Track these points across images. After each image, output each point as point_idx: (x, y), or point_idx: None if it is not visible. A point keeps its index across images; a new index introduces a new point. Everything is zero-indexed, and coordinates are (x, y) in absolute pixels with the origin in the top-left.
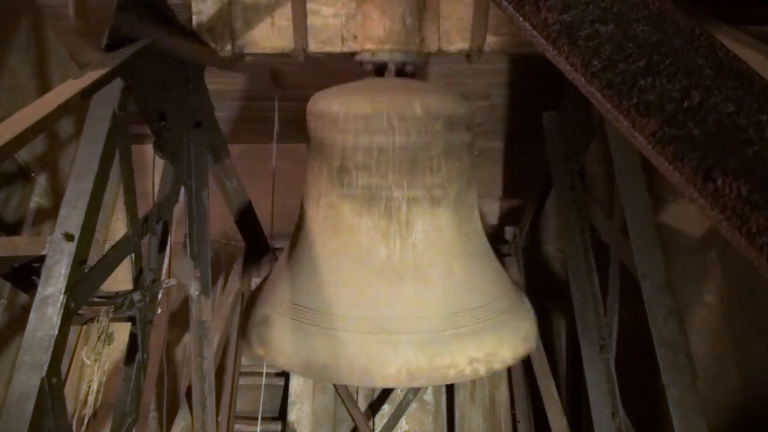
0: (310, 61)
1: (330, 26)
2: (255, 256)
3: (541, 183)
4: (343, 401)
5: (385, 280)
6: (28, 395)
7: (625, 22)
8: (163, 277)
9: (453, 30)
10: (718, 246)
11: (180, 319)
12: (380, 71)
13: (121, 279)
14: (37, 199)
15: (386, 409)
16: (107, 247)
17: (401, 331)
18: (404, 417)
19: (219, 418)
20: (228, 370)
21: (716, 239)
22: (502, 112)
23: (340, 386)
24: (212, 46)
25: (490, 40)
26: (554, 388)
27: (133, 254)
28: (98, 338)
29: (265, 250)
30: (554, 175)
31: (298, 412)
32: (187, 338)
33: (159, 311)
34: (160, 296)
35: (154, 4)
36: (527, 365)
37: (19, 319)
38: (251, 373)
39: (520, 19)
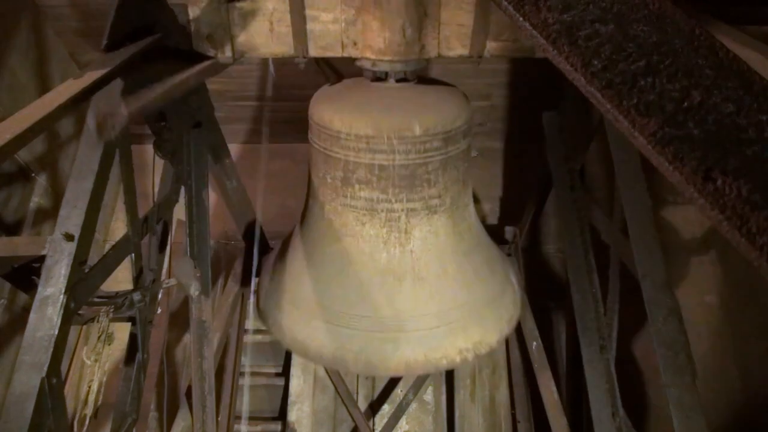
0: (310, 61)
1: (330, 32)
2: (255, 256)
3: (541, 183)
4: (343, 401)
5: (386, 283)
6: (28, 395)
7: (625, 22)
8: (163, 277)
9: (453, 36)
10: (718, 246)
11: (180, 319)
12: (380, 78)
13: (121, 279)
14: (37, 199)
15: (386, 409)
16: (107, 247)
17: (400, 329)
18: (404, 417)
19: (219, 418)
20: (228, 370)
21: (716, 239)
22: (502, 112)
23: (340, 386)
24: (211, 53)
25: (491, 46)
26: (554, 388)
27: (133, 254)
28: (98, 338)
29: (265, 250)
30: (554, 175)
31: (298, 412)
32: (187, 338)
33: (159, 311)
34: (160, 296)
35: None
36: (527, 365)
37: (19, 319)
38: (251, 373)
39: (520, 19)
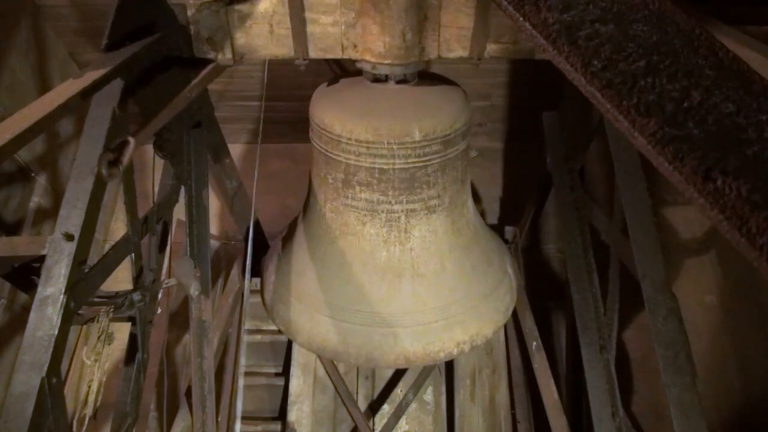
0: (310, 61)
1: (329, 34)
2: (255, 256)
3: (541, 183)
4: (343, 401)
5: (386, 280)
6: (28, 395)
7: (625, 22)
8: (163, 277)
9: (453, 39)
10: (718, 246)
11: (180, 319)
12: (380, 79)
13: (121, 279)
14: (37, 199)
15: (386, 409)
16: (107, 247)
17: (400, 324)
18: (404, 417)
19: (219, 418)
20: (228, 370)
21: (716, 239)
22: (502, 112)
23: (339, 386)
24: (211, 55)
25: (491, 48)
26: (554, 388)
27: (133, 254)
28: (98, 338)
29: (265, 250)
30: (554, 175)
31: (298, 412)
32: (187, 338)
33: (159, 311)
34: (160, 296)
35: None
36: (527, 365)
37: (19, 319)
38: (251, 373)
39: (520, 19)
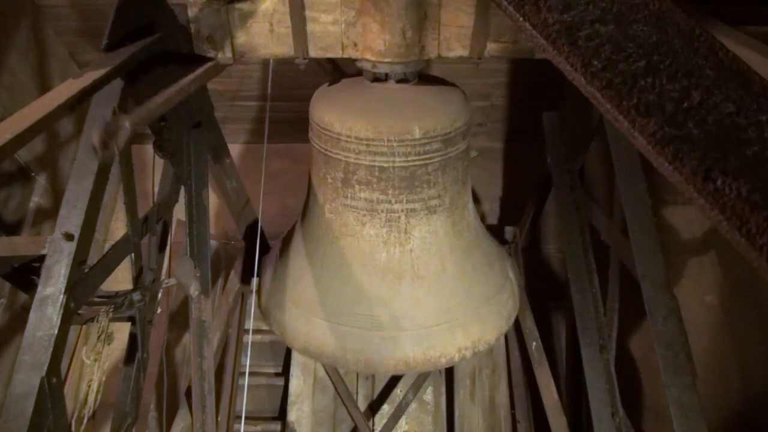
0: (310, 61)
1: (330, 33)
2: (255, 256)
3: (541, 183)
4: (342, 401)
5: (386, 282)
6: (28, 395)
7: (625, 22)
8: (163, 277)
9: (453, 38)
10: (718, 246)
11: (180, 319)
12: (380, 78)
13: (121, 279)
14: (37, 199)
15: (386, 409)
16: (107, 247)
17: (399, 327)
18: (404, 417)
19: (219, 418)
20: (228, 370)
21: (716, 239)
22: (502, 112)
23: (339, 386)
24: (211, 54)
25: (491, 47)
26: (554, 388)
27: (133, 254)
28: (98, 338)
29: (265, 250)
30: (554, 175)
31: (298, 412)
32: (187, 338)
33: (159, 311)
34: (160, 296)
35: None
36: (527, 365)
37: (19, 319)
38: (251, 373)
39: (520, 19)
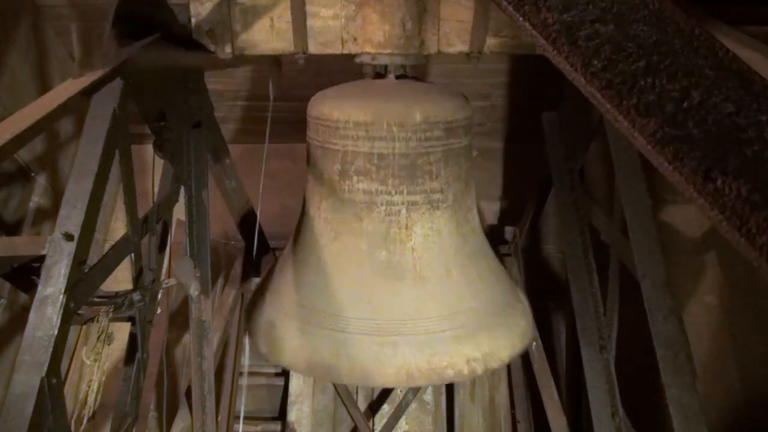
0: (310, 61)
1: (330, 28)
2: (255, 256)
3: (541, 183)
4: (342, 401)
5: (386, 282)
6: (27, 395)
7: (625, 22)
8: (163, 277)
9: (452, 33)
10: (718, 246)
11: (180, 319)
12: (380, 73)
13: (121, 279)
14: (37, 199)
15: (386, 409)
16: (107, 247)
17: (400, 332)
18: (404, 417)
19: (219, 418)
20: (228, 370)
21: (716, 239)
22: (502, 112)
23: (340, 386)
24: (212, 48)
25: (490, 42)
26: (554, 388)
27: (133, 254)
28: (98, 338)
29: (265, 250)
30: (554, 175)
31: (298, 412)
32: (187, 338)
33: (159, 311)
34: (160, 296)
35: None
36: (527, 365)
37: (19, 319)
38: (251, 373)
39: (520, 19)
